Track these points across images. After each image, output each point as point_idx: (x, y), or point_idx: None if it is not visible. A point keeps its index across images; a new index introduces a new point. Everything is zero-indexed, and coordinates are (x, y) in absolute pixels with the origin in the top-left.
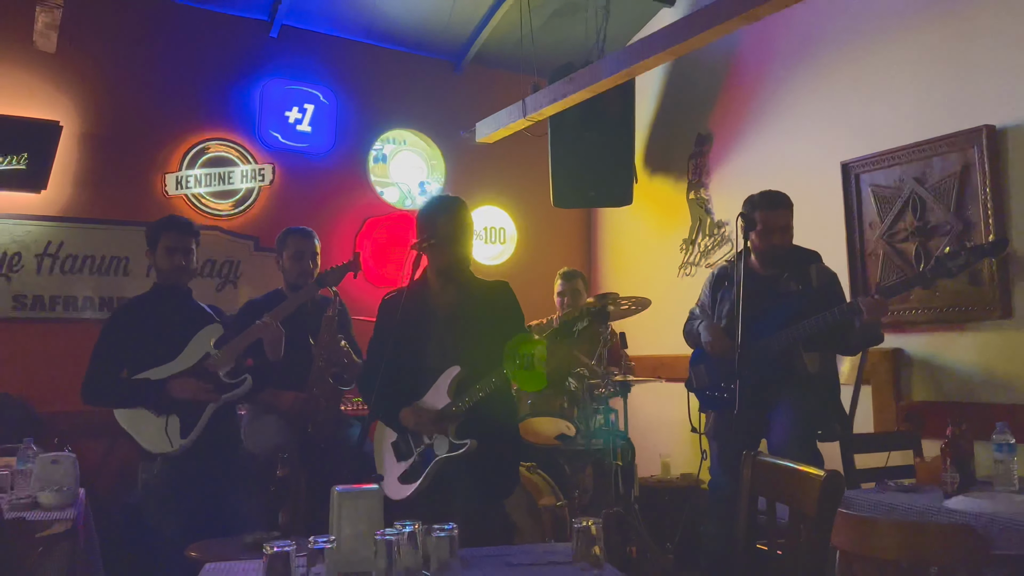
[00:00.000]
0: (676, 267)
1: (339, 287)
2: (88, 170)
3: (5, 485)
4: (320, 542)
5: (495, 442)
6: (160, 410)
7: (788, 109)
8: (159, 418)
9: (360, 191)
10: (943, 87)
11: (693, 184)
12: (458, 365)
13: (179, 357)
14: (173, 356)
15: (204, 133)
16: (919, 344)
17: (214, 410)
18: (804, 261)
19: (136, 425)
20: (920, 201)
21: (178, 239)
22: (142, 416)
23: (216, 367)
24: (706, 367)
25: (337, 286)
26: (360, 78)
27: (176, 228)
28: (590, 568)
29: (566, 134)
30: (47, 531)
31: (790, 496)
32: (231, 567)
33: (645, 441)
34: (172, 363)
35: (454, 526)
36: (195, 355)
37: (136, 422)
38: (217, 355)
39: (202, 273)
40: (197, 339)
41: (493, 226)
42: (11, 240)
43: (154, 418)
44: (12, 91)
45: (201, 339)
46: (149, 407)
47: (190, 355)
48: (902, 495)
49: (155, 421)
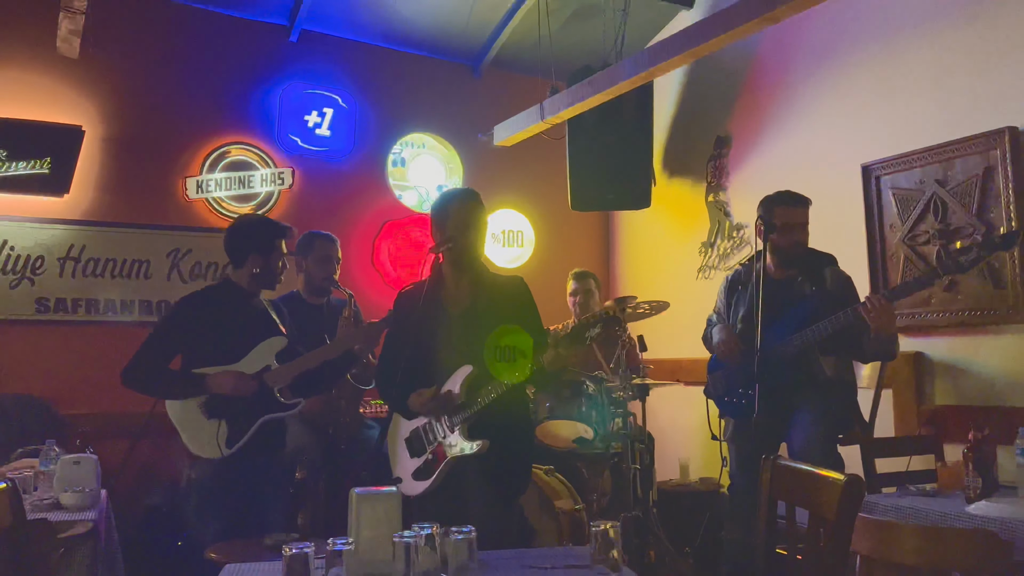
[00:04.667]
0: (695, 270)
1: (355, 289)
2: (110, 174)
3: (28, 486)
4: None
5: (508, 441)
6: (211, 414)
7: (808, 111)
8: (209, 421)
9: (379, 194)
10: (965, 88)
11: (712, 187)
12: (471, 364)
13: (240, 362)
14: (235, 359)
15: (224, 137)
16: (941, 347)
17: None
18: (819, 264)
19: (185, 423)
20: (941, 203)
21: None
22: (193, 415)
23: (273, 383)
24: (723, 373)
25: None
26: (379, 82)
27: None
28: (608, 572)
29: (584, 137)
30: (69, 532)
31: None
32: (251, 568)
33: (663, 445)
34: (232, 367)
35: (472, 528)
36: (256, 364)
37: (186, 420)
38: (276, 370)
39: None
40: (261, 348)
41: (511, 229)
42: (34, 243)
43: (205, 421)
44: (35, 96)
45: (265, 349)
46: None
47: (252, 363)
48: (923, 500)
49: (205, 424)
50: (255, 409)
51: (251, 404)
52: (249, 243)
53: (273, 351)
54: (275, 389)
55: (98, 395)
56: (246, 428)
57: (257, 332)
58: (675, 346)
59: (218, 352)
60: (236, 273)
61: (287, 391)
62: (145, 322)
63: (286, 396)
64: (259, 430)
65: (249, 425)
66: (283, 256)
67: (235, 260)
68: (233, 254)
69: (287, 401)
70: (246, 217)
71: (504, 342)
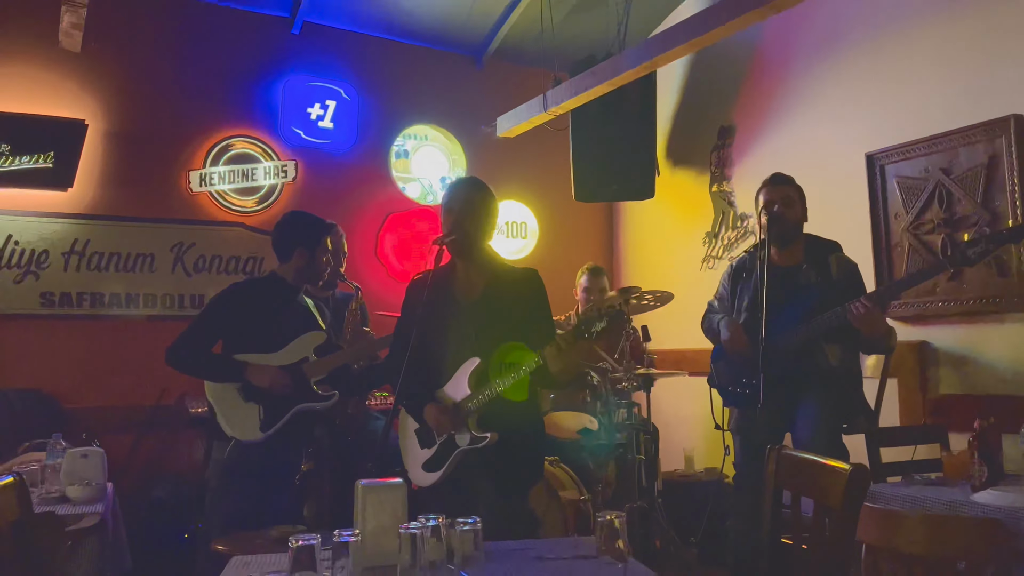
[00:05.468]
0: (699, 260)
1: (359, 282)
2: (113, 168)
3: (35, 480)
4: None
5: (517, 434)
6: (248, 396)
7: (812, 100)
8: (246, 404)
9: (382, 187)
10: (970, 76)
11: (716, 177)
12: (478, 357)
13: (280, 352)
14: (275, 349)
15: (228, 130)
16: (946, 336)
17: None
18: (823, 251)
19: (223, 403)
20: (946, 192)
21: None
22: (231, 397)
23: (310, 374)
24: (727, 363)
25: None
26: (381, 74)
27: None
28: (614, 562)
29: (587, 128)
30: (77, 525)
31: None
32: (258, 559)
33: (668, 435)
34: (273, 356)
35: (478, 520)
36: (296, 355)
37: (223, 400)
38: (314, 363)
39: (227, 269)
40: (301, 340)
41: (515, 221)
42: (39, 238)
43: (242, 402)
44: (38, 90)
45: (304, 342)
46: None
47: (291, 354)
48: (929, 489)
49: (242, 406)
50: (291, 397)
51: (288, 392)
52: (296, 238)
53: (312, 344)
54: (312, 381)
55: (104, 389)
56: (281, 414)
57: (298, 325)
58: (679, 336)
59: (258, 341)
60: (282, 267)
61: (324, 385)
62: (150, 316)
63: (323, 388)
64: (291, 418)
65: (284, 412)
66: (328, 252)
67: (281, 254)
68: (280, 248)
69: (323, 393)
70: (294, 213)
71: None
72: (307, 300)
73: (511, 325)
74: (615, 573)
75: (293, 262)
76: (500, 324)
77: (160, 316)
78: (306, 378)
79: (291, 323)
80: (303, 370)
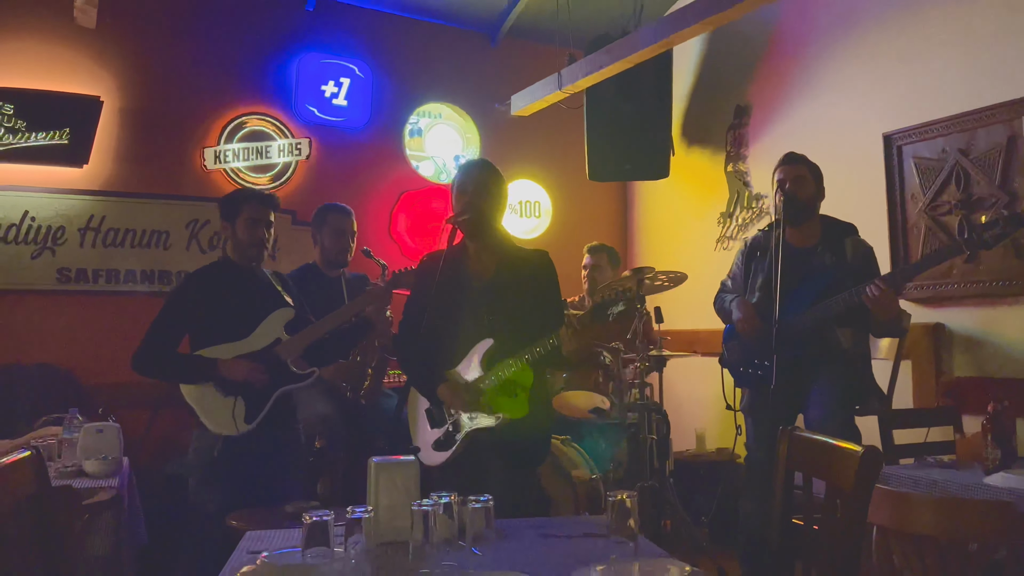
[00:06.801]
0: (713, 241)
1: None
2: (128, 145)
3: (52, 454)
4: (358, 512)
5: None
6: (227, 391)
7: (829, 79)
8: (226, 399)
9: (396, 165)
10: (989, 56)
11: (731, 156)
12: (491, 338)
13: (249, 337)
14: (244, 335)
15: (242, 107)
16: (961, 319)
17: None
18: (839, 233)
19: (202, 402)
20: (964, 173)
21: (261, 211)
22: (209, 394)
23: (285, 355)
24: (739, 343)
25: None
26: (395, 51)
27: (258, 199)
28: (625, 541)
29: (602, 106)
30: (93, 498)
31: (827, 471)
32: (272, 535)
33: (680, 415)
34: (242, 343)
35: (490, 497)
36: (266, 338)
37: (202, 399)
38: (287, 342)
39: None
40: (269, 321)
41: (528, 200)
42: (55, 214)
43: (221, 398)
44: (53, 67)
45: (273, 322)
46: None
47: (261, 337)
48: (941, 471)
49: (222, 402)
50: (271, 383)
51: (265, 382)
52: (221, 212)
53: (281, 323)
54: (288, 361)
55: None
56: (263, 403)
57: (263, 305)
58: (692, 317)
59: (225, 329)
60: (228, 246)
61: (301, 361)
62: (165, 292)
63: (300, 367)
64: (274, 403)
65: (266, 399)
66: (259, 227)
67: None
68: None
69: (301, 372)
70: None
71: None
72: (266, 273)
73: (523, 307)
74: (626, 552)
75: (225, 238)
76: (512, 306)
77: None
78: (282, 360)
79: (255, 303)
80: (277, 353)
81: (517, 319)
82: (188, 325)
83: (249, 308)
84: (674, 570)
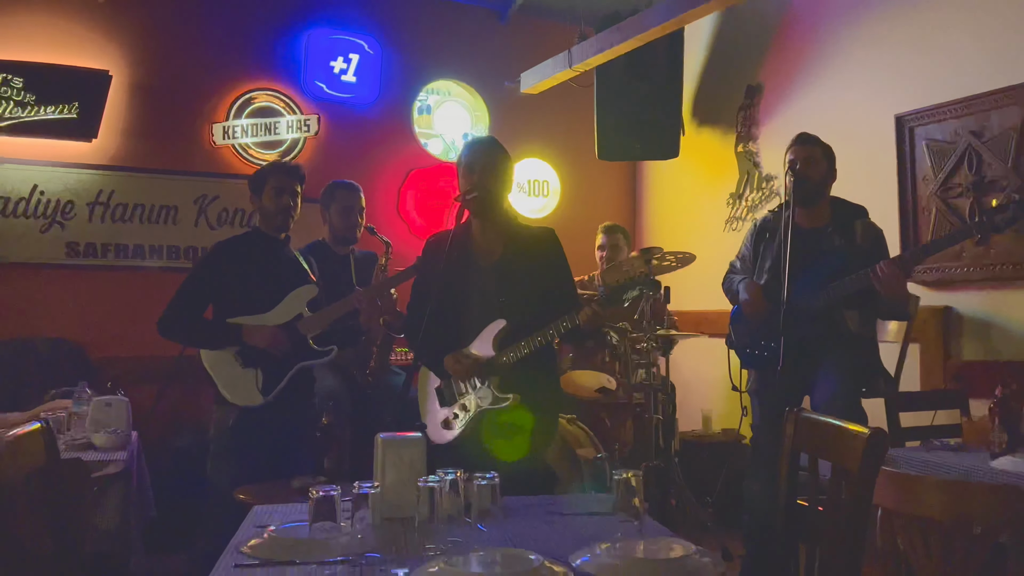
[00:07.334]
0: (722, 221)
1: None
2: (137, 119)
3: (61, 427)
4: (364, 487)
5: (536, 394)
6: (247, 362)
7: (841, 60)
8: (245, 369)
9: (404, 142)
10: (1002, 38)
11: (742, 137)
12: (503, 319)
13: (273, 311)
14: (267, 308)
15: (250, 83)
16: (970, 302)
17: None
18: (850, 215)
19: (220, 371)
20: (976, 155)
21: (286, 181)
22: (228, 363)
23: (306, 330)
24: (746, 324)
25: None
26: (405, 28)
27: (282, 170)
28: (630, 519)
29: (612, 85)
30: (102, 471)
31: (833, 453)
32: (279, 509)
33: (687, 396)
34: (265, 315)
35: (495, 475)
36: (289, 313)
37: (221, 368)
38: (309, 318)
39: (250, 223)
40: (293, 296)
41: (536, 179)
42: (64, 188)
43: (240, 368)
44: (63, 40)
45: (296, 297)
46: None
47: (284, 312)
48: (947, 454)
49: (241, 372)
50: (290, 357)
51: (286, 352)
52: (250, 188)
53: (305, 299)
54: (309, 337)
55: (128, 339)
56: (281, 375)
57: (288, 280)
58: (701, 298)
59: (250, 301)
60: (257, 219)
61: (321, 338)
62: (173, 267)
63: (320, 343)
64: (292, 378)
65: (284, 372)
66: (284, 195)
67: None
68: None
69: (321, 349)
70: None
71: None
72: (295, 253)
73: (533, 287)
74: (630, 530)
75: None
76: (522, 286)
77: (184, 268)
78: (303, 336)
79: (280, 278)
80: (298, 327)
81: (529, 299)
82: (213, 293)
83: (274, 282)
84: (678, 549)
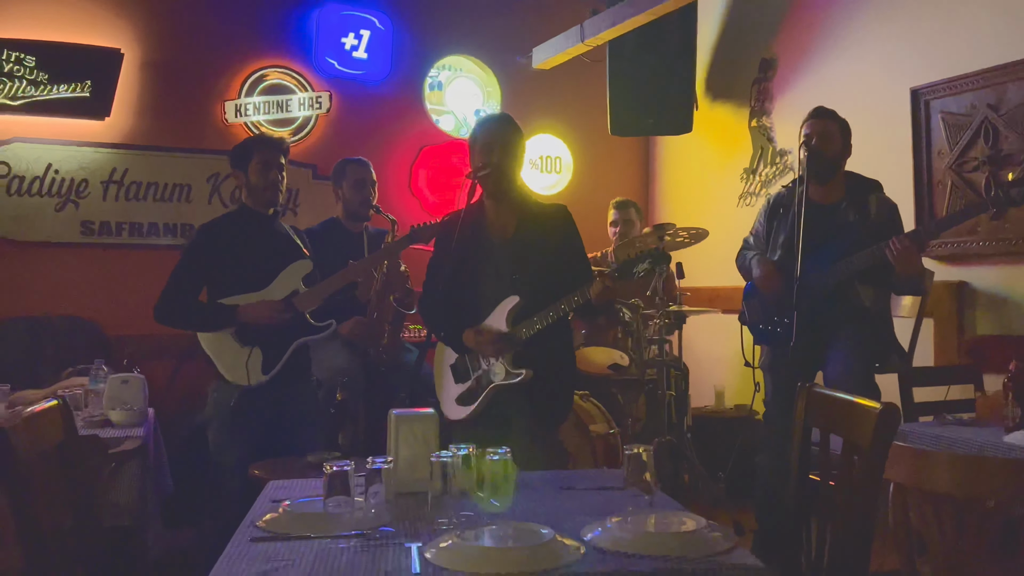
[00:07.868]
0: (736, 197)
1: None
2: (149, 98)
3: (78, 404)
4: (378, 463)
5: (551, 370)
6: (245, 341)
7: (857, 32)
8: (243, 348)
9: (416, 119)
10: (1021, 9)
11: (756, 111)
12: (516, 295)
13: (267, 288)
14: (262, 286)
15: (262, 60)
16: (985, 277)
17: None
18: (864, 190)
19: (219, 351)
20: (992, 129)
21: (271, 155)
22: (227, 344)
23: (303, 306)
24: (759, 300)
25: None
26: (416, 3)
27: (268, 144)
28: (641, 494)
29: (625, 60)
30: (119, 447)
31: (845, 428)
32: (294, 484)
33: (699, 372)
34: (260, 293)
35: (508, 450)
36: (284, 289)
37: (219, 348)
38: (305, 293)
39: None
40: (287, 273)
41: (549, 155)
42: (78, 167)
43: (238, 348)
44: (75, 19)
45: (291, 273)
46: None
47: (279, 289)
48: (961, 429)
49: (239, 351)
50: (288, 334)
51: (284, 329)
52: (231, 163)
53: (300, 275)
54: (307, 312)
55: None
56: (280, 353)
57: (281, 256)
58: (714, 274)
59: (244, 280)
60: (243, 194)
61: (318, 313)
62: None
63: (317, 318)
64: (291, 354)
65: (283, 350)
66: (271, 170)
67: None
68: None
69: (319, 324)
70: None
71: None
72: (286, 227)
73: (547, 263)
74: (641, 504)
75: (239, 186)
76: (536, 263)
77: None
78: (299, 312)
79: (273, 255)
80: (295, 303)
81: (543, 276)
82: (206, 275)
83: (267, 259)
84: (690, 523)
